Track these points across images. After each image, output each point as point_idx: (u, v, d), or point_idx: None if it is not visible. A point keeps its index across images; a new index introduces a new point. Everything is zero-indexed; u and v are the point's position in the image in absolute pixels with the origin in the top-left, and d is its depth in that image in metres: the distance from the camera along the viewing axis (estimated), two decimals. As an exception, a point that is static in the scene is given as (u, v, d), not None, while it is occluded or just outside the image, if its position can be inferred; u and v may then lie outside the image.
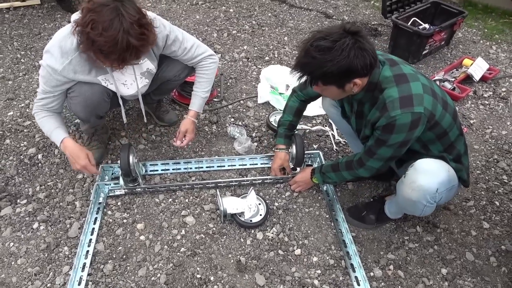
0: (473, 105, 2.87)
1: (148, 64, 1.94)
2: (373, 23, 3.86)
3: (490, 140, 2.58)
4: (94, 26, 1.49)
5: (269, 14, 3.90)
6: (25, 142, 2.37)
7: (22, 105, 2.64)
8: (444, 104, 1.58)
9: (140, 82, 1.98)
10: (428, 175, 1.56)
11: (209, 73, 2.09)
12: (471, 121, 2.72)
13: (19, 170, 2.20)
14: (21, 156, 2.27)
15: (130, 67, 1.87)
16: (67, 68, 1.73)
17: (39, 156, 2.28)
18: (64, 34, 1.71)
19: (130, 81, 1.95)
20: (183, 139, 2.12)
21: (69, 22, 3.54)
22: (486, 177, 2.32)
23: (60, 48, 1.70)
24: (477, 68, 3.06)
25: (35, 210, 2.00)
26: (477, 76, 3.03)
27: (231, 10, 3.93)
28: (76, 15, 1.68)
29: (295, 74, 1.53)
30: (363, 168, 1.75)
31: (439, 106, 1.54)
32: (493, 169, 2.37)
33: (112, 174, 2.18)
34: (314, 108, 2.56)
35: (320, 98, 2.09)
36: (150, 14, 1.74)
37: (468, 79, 3.06)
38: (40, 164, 2.24)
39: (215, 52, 3.22)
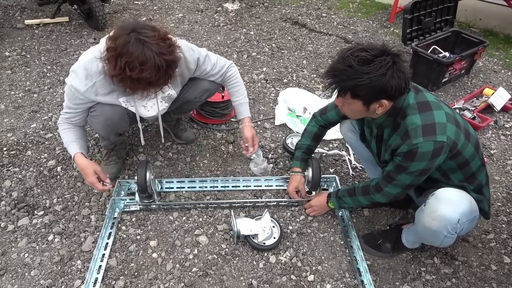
0: (493, 135, 2.82)
1: (169, 90, 2.00)
2: (392, 49, 3.87)
3: (511, 172, 2.51)
4: (131, 67, 1.54)
5: (289, 38, 3.96)
6: (45, 154, 2.42)
7: (45, 117, 2.71)
8: (466, 134, 1.56)
9: (160, 105, 2.03)
10: (450, 205, 1.53)
11: (239, 80, 2.18)
12: (492, 152, 2.66)
13: (38, 182, 2.24)
14: (41, 168, 2.32)
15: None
16: (89, 90, 1.78)
17: (58, 168, 2.32)
18: (90, 57, 1.77)
19: (150, 104, 2.00)
20: (249, 143, 2.18)
21: (95, 39, 3.66)
22: (508, 210, 2.25)
23: (86, 70, 1.75)
24: (498, 98, 3.02)
25: (51, 222, 2.02)
26: (498, 106, 2.99)
27: (252, 33, 4.00)
28: (105, 41, 1.73)
29: (325, 81, 1.51)
30: (380, 194, 1.72)
31: (461, 135, 1.53)
32: (514, 201, 2.31)
33: (128, 189, 2.20)
34: (331, 132, 2.54)
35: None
36: (179, 42, 1.80)
37: (489, 108, 3.02)
38: (58, 177, 2.28)
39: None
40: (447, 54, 3.33)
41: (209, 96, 2.23)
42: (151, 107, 2.02)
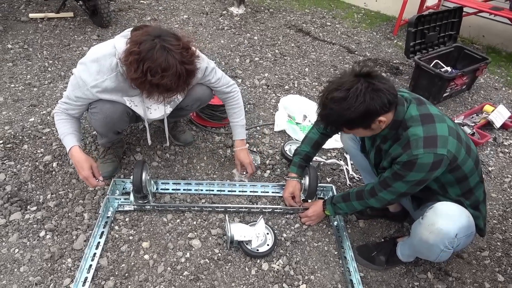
0: (492, 152, 2.82)
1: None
2: (395, 61, 3.89)
3: (508, 190, 2.51)
4: (153, 72, 1.54)
5: (292, 45, 3.96)
6: (42, 149, 2.40)
7: (44, 112, 2.70)
8: (467, 149, 1.55)
9: (165, 108, 2.04)
10: (449, 219, 1.52)
11: (239, 101, 2.20)
12: (490, 168, 2.66)
13: (33, 176, 2.22)
14: (37, 163, 2.30)
15: None
16: (99, 85, 1.76)
17: (54, 164, 2.30)
18: (104, 52, 1.75)
19: (154, 107, 2.00)
20: (248, 169, 2.25)
21: (98, 36, 3.65)
22: (503, 228, 2.24)
23: (100, 66, 1.74)
24: (498, 115, 3.02)
25: (44, 218, 2.00)
26: (498, 123, 2.99)
27: (256, 38, 4.00)
28: (121, 39, 1.73)
29: (321, 125, 1.60)
30: (374, 199, 1.73)
31: (462, 150, 1.52)
32: (510, 219, 2.30)
33: (123, 189, 2.18)
34: (331, 141, 2.53)
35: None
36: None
37: (488, 125, 3.02)
38: (54, 172, 2.26)
39: (236, 77, 3.30)
40: (449, 69, 3.34)
41: (200, 105, 2.26)
42: (154, 110, 2.02)
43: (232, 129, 2.25)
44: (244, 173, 2.30)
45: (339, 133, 2.08)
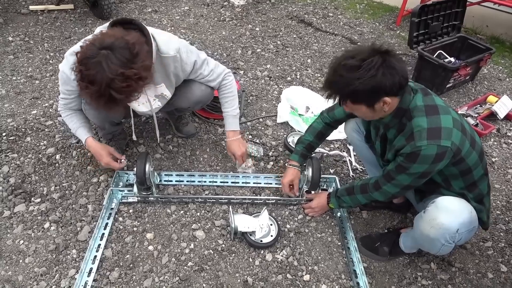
0: (495, 143, 2.81)
1: (163, 89, 1.95)
2: (397, 52, 3.85)
3: (512, 181, 2.51)
4: (81, 77, 1.49)
5: (294, 36, 3.93)
6: (45, 141, 2.40)
7: (46, 104, 2.70)
8: (472, 142, 1.54)
9: (153, 103, 1.99)
10: (450, 214, 1.52)
11: (232, 90, 2.12)
12: (493, 159, 2.65)
13: (36, 169, 2.22)
14: (40, 155, 2.30)
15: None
16: None
17: (57, 156, 2.30)
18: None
19: (142, 100, 1.93)
20: (239, 161, 2.23)
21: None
22: (506, 219, 2.24)
23: (76, 59, 1.72)
24: (502, 105, 3.01)
25: (48, 210, 2.01)
26: (501, 114, 2.98)
27: (257, 29, 3.98)
28: (101, 28, 1.72)
29: (324, 93, 1.52)
30: (378, 192, 1.72)
31: (467, 142, 1.51)
32: (513, 210, 2.30)
33: (127, 180, 2.19)
34: (334, 132, 2.53)
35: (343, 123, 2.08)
36: (176, 44, 1.81)
37: (492, 116, 3.01)
38: (57, 164, 2.26)
39: (238, 68, 3.28)
40: (452, 59, 3.32)
41: (202, 105, 2.26)
42: (142, 103, 1.96)
43: (224, 119, 2.16)
44: (249, 164, 2.29)
45: (343, 123, 2.08)
